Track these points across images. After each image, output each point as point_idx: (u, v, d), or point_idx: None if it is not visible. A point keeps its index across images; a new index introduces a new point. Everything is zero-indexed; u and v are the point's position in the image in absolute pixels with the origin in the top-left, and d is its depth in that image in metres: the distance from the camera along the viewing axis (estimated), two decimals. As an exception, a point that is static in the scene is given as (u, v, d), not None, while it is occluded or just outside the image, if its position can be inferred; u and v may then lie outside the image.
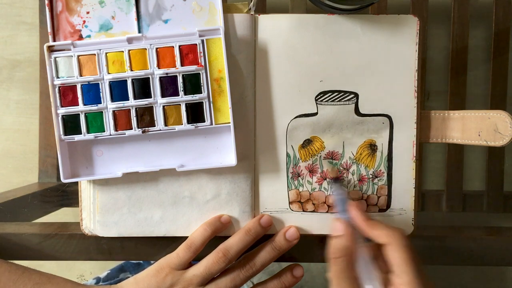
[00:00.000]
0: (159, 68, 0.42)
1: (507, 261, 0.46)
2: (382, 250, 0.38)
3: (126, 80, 0.42)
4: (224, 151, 0.44)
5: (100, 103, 0.42)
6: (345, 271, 0.37)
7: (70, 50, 0.42)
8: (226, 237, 0.44)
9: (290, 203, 0.46)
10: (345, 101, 0.45)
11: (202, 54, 0.42)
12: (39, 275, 0.42)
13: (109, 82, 0.42)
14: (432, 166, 0.76)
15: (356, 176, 0.45)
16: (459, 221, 0.77)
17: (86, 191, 0.45)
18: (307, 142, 0.45)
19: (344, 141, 0.45)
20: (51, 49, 0.42)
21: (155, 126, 0.42)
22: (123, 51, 0.42)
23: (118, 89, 0.42)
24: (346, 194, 0.43)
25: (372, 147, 0.45)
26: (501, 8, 0.64)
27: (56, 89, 0.42)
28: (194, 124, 0.42)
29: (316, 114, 0.45)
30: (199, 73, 0.42)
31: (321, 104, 0.45)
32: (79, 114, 0.42)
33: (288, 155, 0.45)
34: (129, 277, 0.62)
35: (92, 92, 0.42)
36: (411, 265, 0.35)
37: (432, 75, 0.74)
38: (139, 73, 0.42)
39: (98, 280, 0.62)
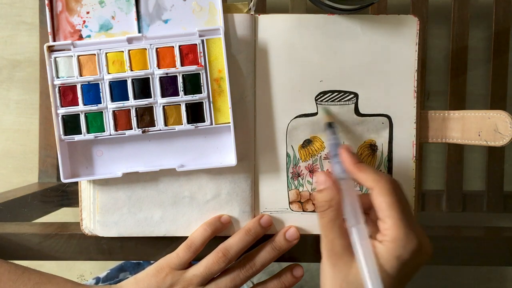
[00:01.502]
0: (159, 68, 0.42)
1: (507, 261, 0.46)
2: (370, 194, 0.36)
3: (126, 80, 0.42)
4: (224, 151, 0.44)
5: (100, 103, 0.42)
6: (333, 221, 0.36)
7: (70, 50, 0.42)
8: (226, 237, 0.44)
9: (290, 203, 0.46)
10: (345, 101, 0.45)
11: (202, 54, 0.42)
12: (39, 275, 0.42)
13: (109, 82, 0.42)
14: (432, 166, 0.76)
15: (356, 176, 0.45)
16: (459, 221, 0.77)
17: (86, 191, 0.45)
18: (307, 142, 0.45)
19: (344, 141, 0.45)
20: (51, 49, 0.42)
21: (155, 126, 0.42)
22: (123, 51, 0.42)
23: (118, 89, 0.42)
24: (339, 139, 0.42)
25: (372, 147, 0.45)
26: (501, 8, 0.63)
27: (56, 89, 0.42)
28: (194, 124, 0.42)
29: (316, 114, 0.45)
30: (199, 73, 0.42)
31: (321, 104, 0.45)
32: (79, 114, 0.42)
33: (288, 155, 0.45)
34: (128, 277, 0.62)
35: (92, 92, 0.42)
36: (395, 209, 0.34)
37: (432, 75, 0.74)
38: (139, 73, 0.42)
39: (98, 280, 0.62)
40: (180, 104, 0.42)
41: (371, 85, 0.44)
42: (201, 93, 0.42)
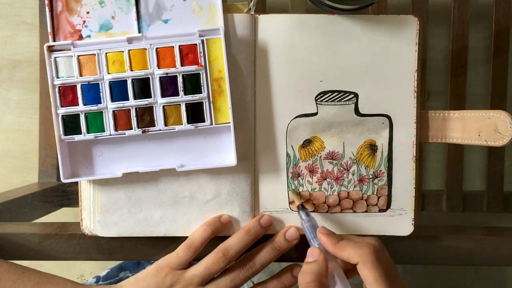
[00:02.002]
0: (159, 68, 0.42)
1: (507, 261, 0.46)
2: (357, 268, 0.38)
3: (126, 80, 0.42)
4: (224, 151, 0.44)
5: (100, 103, 0.42)
6: None
7: (70, 50, 0.42)
8: (226, 237, 0.44)
9: (290, 203, 0.46)
10: (345, 101, 0.45)
11: (202, 54, 0.42)
12: (39, 275, 0.42)
13: (109, 82, 0.42)
14: (432, 166, 0.76)
15: (356, 176, 0.45)
16: (459, 221, 0.77)
17: (86, 191, 0.45)
18: (307, 142, 0.45)
19: (344, 141, 0.45)
20: (51, 49, 0.42)
21: (155, 126, 0.42)
22: (123, 51, 0.42)
23: (118, 89, 0.42)
24: (314, 220, 0.43)
25: (372, 147, 0.45)
26: (501, 8, 0.63)
27: (56, 89, 0.42)
28: (194, 124, 0.42)
29: (316, 114, 0.45)
30: (199, 73, 0.42)
31: (321, 104, 0.45)
32: (79, 114, 0.42)
33: (288, 155, 0.45)
34: (129, 276, 0.62)
35: (92, 92, 0.42)
36: (381, 282, 0.36)
37: (432, 75, 0.74)
38: (139, 73, 0.42)
39: (98, 279, 0.62)
40: (180, 104, 0.42)
41: (371, 85, 0.44)
42: (201, 93, 0.42)
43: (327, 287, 0.38)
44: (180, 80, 0.42)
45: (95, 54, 0.42)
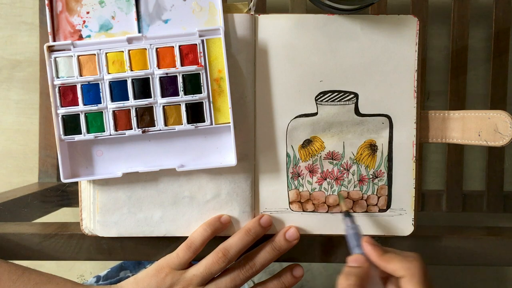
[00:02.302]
0: (159, 68, 0.42)
1: (507, 261, 0.46)
2: (398, 280, 0.38)
3: (126, 80, 0.42)
4: (224, 151, 0.44)
5: (100, 103, 0.42)
6: None
7: (70, 50, 0.42)
8: (226, 237, 0.44)
9: (290, 203, 0.46)
10: (345, 101, 0.45)
11: (202, 54, 0.42)
12: (39, 275, 0.42)
13: (109, 82, 0.42)
14: (432, 166, 0.76)
15: (356, 176, 0.45)
16: (459, 221, 0.77)
17: (86, 191, 0.45)
18: (307, 142, 0.45)
19: (344, 141, 0.45)
20: (51, 49, 0.42)
21: (155, 126, 0.42)
22: (123, 51, 0.42)
23: (118, 89, 0.42)
24: (359, 228, 0.43)
25: (373, 147, 0.45)
26: (501, 8, 0.63)
27: (56, 89, 0.42)
28: (194, 124, 0.42)
29: (316, 114, 0.45)
30: (199, 73, 0.42)
31: (321, 104, 0.45)
32: (79, 114, 0.42)
33: (288, 155, 0.45)
34: (129, 275, 0.62)
35: (92, 92, 0.42)
36: None
37: (432, 75, 0.74)
38: (139, 73, 0.42)
39: (98, 278, 0.62)
40: (180, 104, 0.42)
41: (371, 85, 0.44)
42: (201, 93, 0.42)
43: None
44: (180, 80, 0.42)
45: (95, 54, 0.42)
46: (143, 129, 0.42)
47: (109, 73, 0.42)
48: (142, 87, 0.42)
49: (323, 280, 0.81)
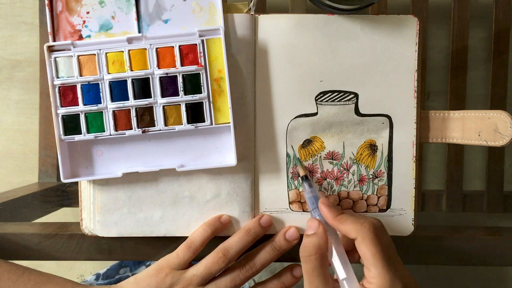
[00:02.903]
0: (159, 68, 0.42)
1: (507, 261, 0.46)
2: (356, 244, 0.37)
3: (126, 80, 0.42)
4: (224, 151, 0.44)
5: (100, 103, 0.42)
6: (317, 269, 0.37)
7: (70, 50, 0.42)
8: (226, 237, 0.44)
9: (290, 203, 0.46)
10: (345, 101, 0.45)
11: (202, 54, 0.42)
12: (39, 275, 0.42)
13: (109, 82, 0.42)
14: (432, 166, 0.76)
15: (356, 176, 0.45)
16: (459, 221, 0.77)
17: (86, 191, 0.45)
18: (307, 142, 0.45)
19: (344, 141, 0.45)
20: (51, 49, 0.42)
21: (155, 126, 0.42)
22: (123, 51, 0.42)
23: (118, 89, 0.42)
24: (317, 191, 0.43)
25: (373, 147, 0.45)
26: (501, 8, 0.63)
27: (56, 89, 0.42)
28: (194, 124, 0.42)
29: (316, 114, 0.45)
30: (199, 73, 0.42)
31: (321, 104, 0.45)
32: (79, 114, 0.42)
33: (288, 155, 0.45)
34: (128, 275, 0.62)
35: (92, 92, 0.42)
36: (379, 258, 0.35)
37: (432, 75, 0.74)
38: (139, 73, 0.42)
39: (98, 276, 0.62)
40: (180, 104, 0.42)
41: (371, 85, 0.44)
42: (201, 93, 0.42)
43: (326, 260, 0.38)
44: (180, 80, 0.42)
45: (95, 54, 0.42)
46: (143, 129, 0.42)
47: (109, 73, 0.42)
48: (142, 87, 0.42)
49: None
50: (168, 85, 0.42)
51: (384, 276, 0.35)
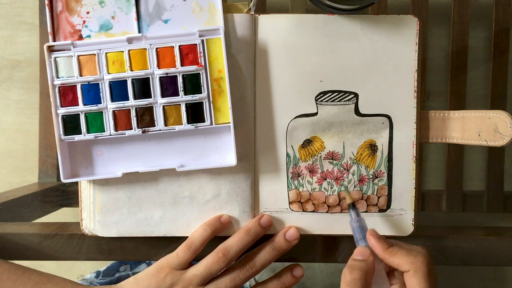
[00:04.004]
0: (159, 68, 0.42)
1: (507, 261, 0.46)
2: (403, 275, 0.37)
3: (126, 80, 0.42)
4: (224, 151, 0.44)
5: (100, 103, 0.42)
6: None
7: (70, 50, 0.42)
8: (226, 237, 0.44)
9: (290, 203, 0.46)
10: (345, 101, 0.45)
11: (202, 54, 0.42)
12: (39, 275, 0.42)
13: (109, 82, 0.42)
14: (432, 166, 0.76)
15: (356, 176, 0.45)
16: (459, 221, 0.77)
17: (86, 191, 0.45)
18: (307, 142, 0.45)
19: (344, 141, 0.45)
20: (51, 49, 0.42)
21: (155, 126, 0.42)
22: (123, 51, 0.42)
23: (118, 89, 0.42)
24: (364, 221, 0.42)
25: (373, 147, 0.45)
26: (501, 8, 0.64)
27: (56, 89, 0.42)
28: (194, 124, 0.42)
29: (316, 114, 0.45)
30: (199, 73, 0.42)
31: (321, 104, 0.45)
32: (79, 114, 0.42)
33: (288, 155, 0.45)
34: (129, 273, 0.62)
35: (92, 92, 0.42)
36: None
37: (432, 75, 0.74)
38: (139, 73, 0.42)
39: (98, 273, 0.62)
40: (180, 104, 0.42)
41: (371, 85, 0.44)
42: (201, 93, 0.42)
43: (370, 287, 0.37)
44: (180, 80, 0.42)
45: (95, 54, 0.42)
46: (143, 129, 0.42)
47: (109, 73, 0.42)
48: (142, 87, 0.42)
49: (324, 278, 0.81)
50: (168, 85, 0.42)
51: None
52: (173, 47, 0.42)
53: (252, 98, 0.44)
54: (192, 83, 0.42)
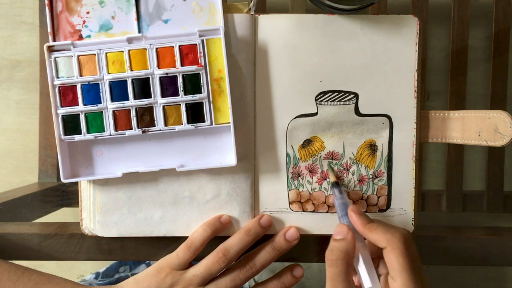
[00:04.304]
0: (159, 68, 0.42)
1: (507, 261, 0.46)
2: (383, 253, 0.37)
3: (126, 80, 0.42)
4: (224, 151, 0.44)
5: (100, 103, 0.42)
6: (343, 274, 0.36)
7: (70, 50, 0.42)
8: (226, 237, 0.44)
9: (290, 203, 0.46)
10: (345, 101, 0.45)
11: (202, 54, 0.42)
12: (39, 275, 0.42)
13: (109, 82, 0.42)
14: (432, 166, 0.76)
15: (356, 176, 0.45)
16: (459, 221, 0.77)
17: (86, 191, 0.45)
18: (307, 142, 0.45)
19: (344, 141, 0.45)
20: (51, 49, 0.42)
21: (155, 126, 0.42)
22: (123, 51, 0.42)
23: (118, 89, 0.42)
24: (346, 198, 0.43)
25: (372, 147, 0.45)
26: (501, 8, 0.64)
27: (56, 89, 0.42)
28: (194, 124, 0.42)
29: (316, 114, 0.45)
30: (199, 73, 0.42)
31: (321, 104, 0.45)
32: (79, 114, 0.42)
33: (288, 155, 0.45)
34: (128, 274, 0.62)
35: (92, 92, 0.42)
36: (407, 270, 0.35)
37: (432, 75, 0.74)
38: (139, 73, 0.42)
39: (97, 274, 0.62)
40: (180, 104, 0.42)
41: (371, 85, 0.44)
42: (201, 93, 0.42)
43: (352, 266, 0.37)
44: (180, 80, 0.42)
45: (95, 54, 0.42)
46: (143, 129, 0.42)
47: (109, 73, 0.42)
48: (142, 87, 0.42)
49: (323, 278, 0.81)
50: (168, 85, 0.42)
51: None
52: (173, 47, 0.42)
53: (252, 98, 0.44)
54: (192, 83, 0.42)
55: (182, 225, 0.45)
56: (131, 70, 0.42)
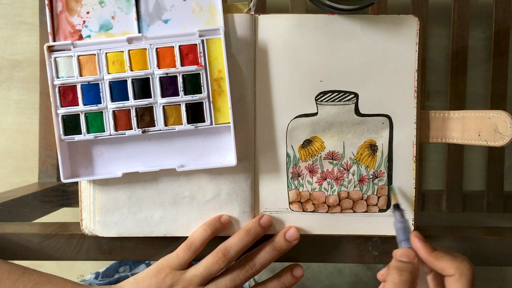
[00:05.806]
0: (159, 68, 0.42)
1: (507, 261, 0.46)
2: (445, 279, 0.38)
3: (126, 80, 0.42)
4: (224, 151, 0.44)
5: (100, 103, 0.42)
6: None
7: (70, 50, 0.42)
8: (226, 237, 0.44)
9: (290, 203, 0.46)
10: (345, 101, 0.45)
11: (202, 54, 0.42)
12: (39, 275, 0.42)
13: (109, 82, 0.42)
14: (432, 166, 0.76)
15: (356, 176, 0.45)
16: (459, 221, 0.77)
17: (86, 191, 0.45)
18: (307, 142, 0.45)
19: (344, 141, 0.45)
20: (51, 49, 0.42)
21: (155, 126, 0.42)
22: (123, 51, 0.42)
23: (118, 89, 0.42)
24: (407, 222, 0.43)
25: (373, 147, 0.45)
26: (501, 8, 0.64)
27: (56, 89, 0.42)
28: (194, 124, 0.42)
29: (316, 114, 0.45)
30: (199, 73, 0.42)
31: (321, 104, 0.45)
32: (79, 114, 0.42)
33: (288, 155, 0.45)
34: (128, 274, 0.62)
35: (92, 92, 0.42)
36: None
37: (432, 75, 0.74)
38: (139, 73, 0.42)
39: (97, 274, 0.62)
40: (180, 104, 0.42)
41: (371, 85, 0.44)
42: (201, 93, 0.42)
43: None
44: (180, 80, 0.42)
45: (95, 54, 0.42)
46: (143, 129, 0.42)
47: (109, 73, 0.42)
48: (142, 87, 0.42)
49: (323, 278, 0.81)
50: (168, 85, 0.42)
51: None
52: (173, 47, 0.42)
53: (252, 98, 0.44)
54: (192, 83, 0.42)
55: (182, 225, 0.45)
56: (131, 70, 0.42)
